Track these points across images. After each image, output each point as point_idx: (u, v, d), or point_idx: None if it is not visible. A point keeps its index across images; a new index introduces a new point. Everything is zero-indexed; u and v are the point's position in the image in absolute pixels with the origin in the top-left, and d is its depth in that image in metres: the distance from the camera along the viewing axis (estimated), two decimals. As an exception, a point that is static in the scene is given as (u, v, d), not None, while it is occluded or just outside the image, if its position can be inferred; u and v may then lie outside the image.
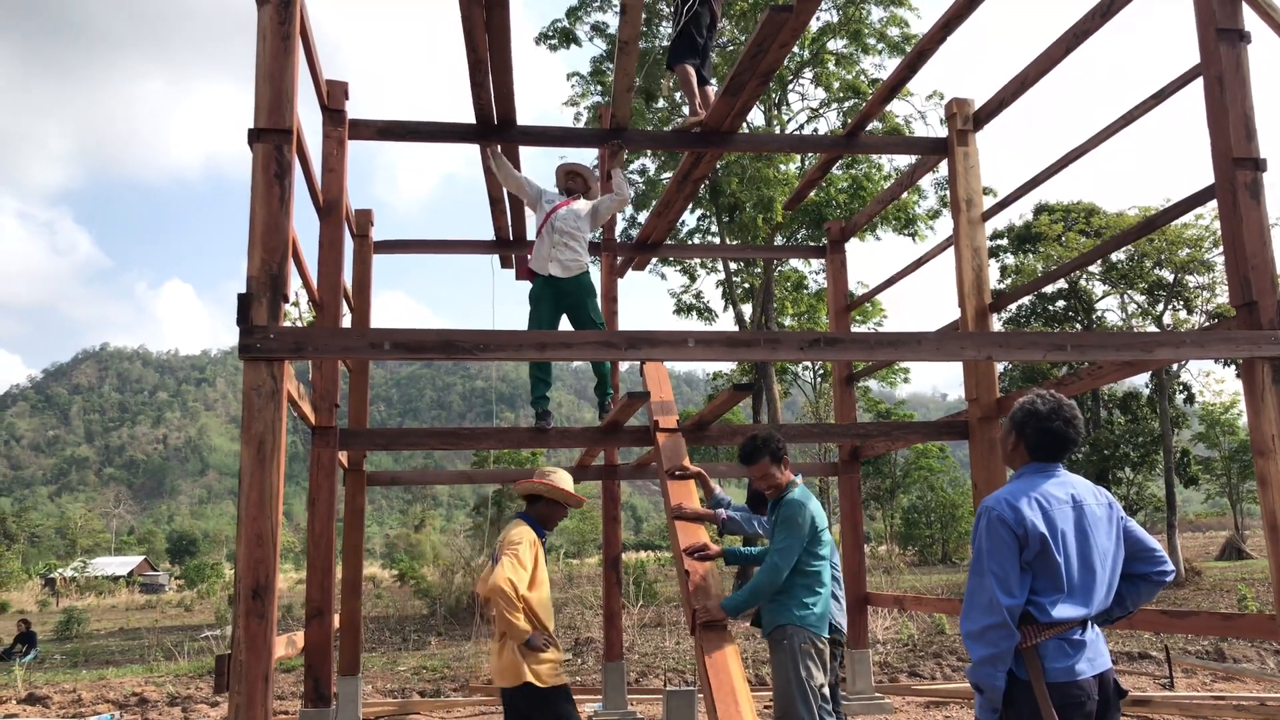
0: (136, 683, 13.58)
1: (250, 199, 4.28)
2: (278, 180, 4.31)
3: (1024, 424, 3.34)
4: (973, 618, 3.12)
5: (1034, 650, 3.07)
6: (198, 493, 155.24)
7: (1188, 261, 26.76)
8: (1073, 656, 3.08)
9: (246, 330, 4.12)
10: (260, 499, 4.02)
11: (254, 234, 4.26)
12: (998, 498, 3.20)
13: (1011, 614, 3.05)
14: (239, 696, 3.90)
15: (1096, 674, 3.12)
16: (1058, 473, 3.29)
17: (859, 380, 10.27)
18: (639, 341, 4.48)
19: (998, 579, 3.08)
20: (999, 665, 3.07)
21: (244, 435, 4.04)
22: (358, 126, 7.02)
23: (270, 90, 4.39)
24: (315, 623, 6.23)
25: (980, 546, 3.17)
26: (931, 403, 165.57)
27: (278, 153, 4.33)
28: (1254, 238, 5.09)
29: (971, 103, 7.78)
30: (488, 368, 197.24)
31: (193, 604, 37.68)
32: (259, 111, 4.38)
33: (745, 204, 22.03)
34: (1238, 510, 48.20)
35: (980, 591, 3.12)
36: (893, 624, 16.00)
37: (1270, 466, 4.96)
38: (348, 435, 6.96)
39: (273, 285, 4.23)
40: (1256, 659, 11.55)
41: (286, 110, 4.38)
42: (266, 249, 4.24)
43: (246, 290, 4.21)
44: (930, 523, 43.14)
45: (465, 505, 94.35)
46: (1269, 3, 5.16)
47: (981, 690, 3.13)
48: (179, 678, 14.30)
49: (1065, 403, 3.33)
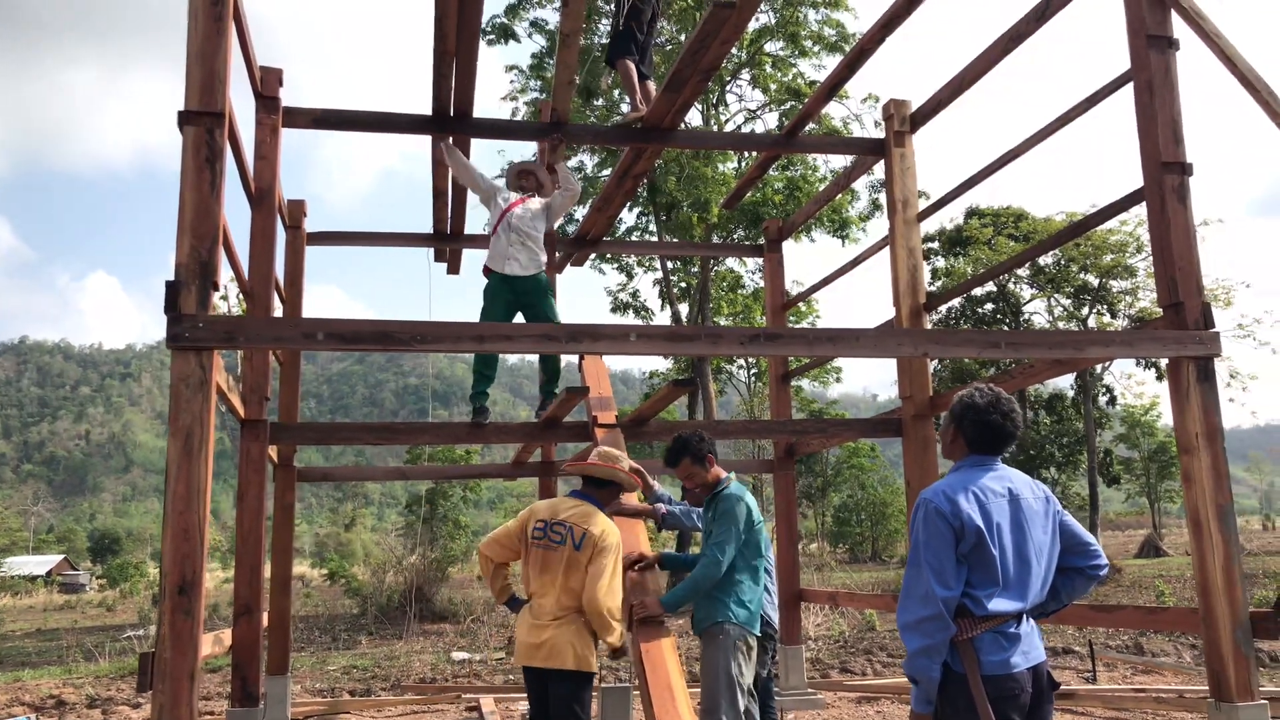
0: (54, 685, 13.18)
1: (180, 184, 4.16)
2: (208, 165, 4.19)
3: (962, 417, 3.37)
4: (909, 609, 3.14)
5: (969, 643, 3.09)
6: (121, 490, 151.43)
7: (1112, 266, 27.46)
8: (1008, 650, 3.11)
9: (175, 319, 4.00)
10: (187, 492, 3.90)
11: (183, 220, 4.13)
12: (935, 490, 3.22)
13: (947, 606, 3.07)
14: (163, 695, 3.78)
15: (1031, 667, 3.15)
16: (996, 466, 3.32)
17: (794, 378, 10.34)
18: (580, 335, 4.44)
19: (934, 571, 3.10)
20: (934, 657, 3.08)
21: (171, 427, 3.92)
22: (292, 114, 6.87)
23: (202, 71, 4.27)
24: (243, 620, 6.09)
25: (917, 538, 3.18)
26: (863, 402, 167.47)
27: (209, 136, 4.21)
28: (1180, 241, 5.21)
29: (909, 104, 7.86)
30: (422, 364, 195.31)
31: (115, 604, 36.71)
32: (190, 93, 4.25)
33: (682, 203, 22.10)
34: (1156, 509, 49.58)
35: (916, 583, 3.13)
36: (824, 621, 16.15)
37: (1194, 463, 5.09)
38: (279, 429, 6.81)
39: (202, 273, 4.11)
40: (1174, 653, 11.87)
41: (219, 93, 4.27)
42: (196, 235, 4.13)
43: (175, 278, 4.09)
44: (861, 521, 43.73)
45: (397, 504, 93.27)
46: (1197, 10, 5.28)
47: (917, 682, 3.14)
48: (99, 679, 13.92)
49: (1004, 396, 3.36)
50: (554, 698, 4.57)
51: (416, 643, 17.01)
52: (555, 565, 4.61)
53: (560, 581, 4.60)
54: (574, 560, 4.59)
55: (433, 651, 15.52)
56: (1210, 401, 5.15)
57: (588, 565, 4.57)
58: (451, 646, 16.09)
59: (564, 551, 4.61)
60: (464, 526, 25.62)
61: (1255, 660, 4.92)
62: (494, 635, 17.37)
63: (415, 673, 13.05)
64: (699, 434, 5.20)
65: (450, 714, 9.63)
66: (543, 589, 4.63)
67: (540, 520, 4.73)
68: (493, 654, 14.95)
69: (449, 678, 12.55)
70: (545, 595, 4.62)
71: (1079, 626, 12.72)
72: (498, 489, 67.96)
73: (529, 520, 4.79)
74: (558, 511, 4.76)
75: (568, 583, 4.60)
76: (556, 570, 4.61)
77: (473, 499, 26.41)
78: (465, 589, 26.01)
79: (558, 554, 4.61)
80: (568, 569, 4.59)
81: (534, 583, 4.67)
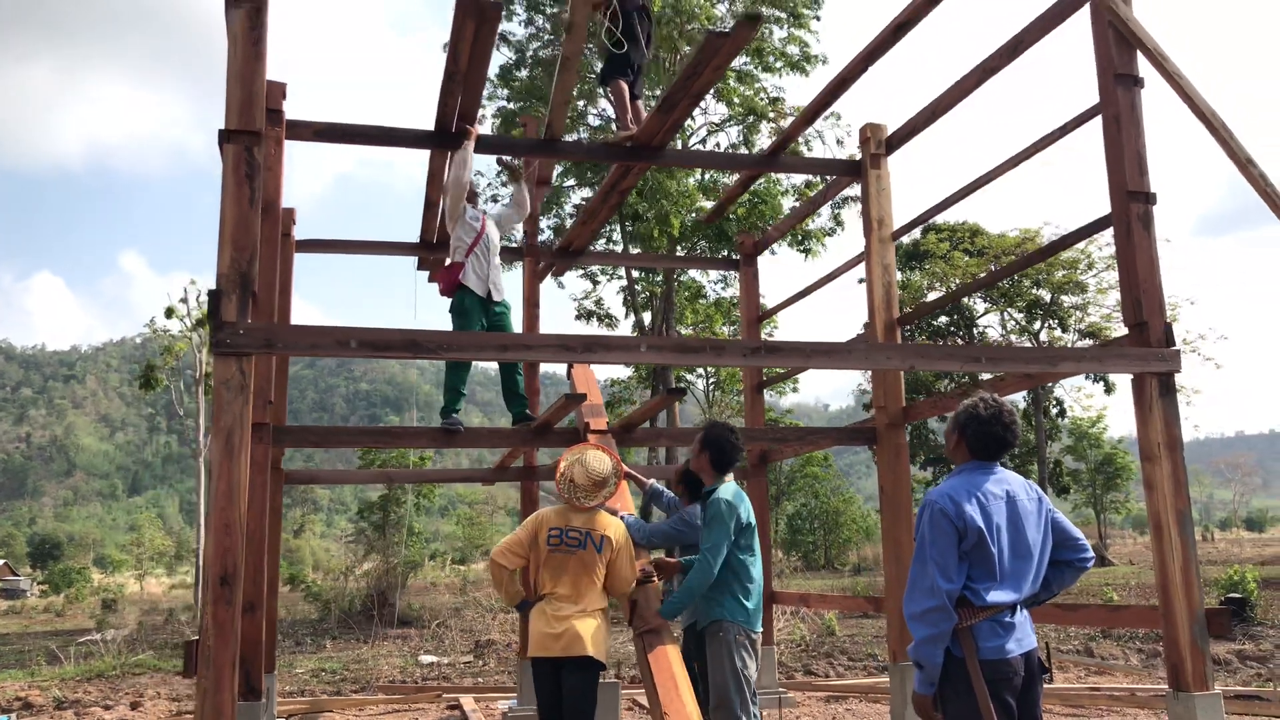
0: (18, 687, 13.14)
1: (221, 198, 4.39)
2: (248, 180, 4.44)
3: (966, 425, 3.71)
4: (915, 600, 3.47)
5: (969, 631, 3.43)
6: (63, 494, 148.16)
7: (1064, 283, 28.22)
8: (1003, 637, 3.45)
9: (218, 326, 4.23)
10: (229, 489, 4.14)
11: (224, 233, 4.37)
12: (940, 492, 3.56)
13: (950, 598, 3.40)
14: (206, 680, 4.01)
15: (1023, 652, 3.50)
16: (995, 470, 3.67)
17: (766, 388, 10.67)
18: (595, 345, 4.73)
19: (939, 566, 3.43)
20: (938, 644, 3.42)
21: (214, 428, 4.15)
22: (295, 127, 7.08)
23: (241, 92, 4.51)
24: (247, 616, 6.27)
25: (924, 536, 3.51)
26: (814, 412, 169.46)
27: (248, 154, 4.45)
28: (1145, 264, 5.61)
29: (884, 128, 8.24)
30: (374, 370, 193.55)
31: (63, 609, 36.13)
32: (230, 113, 4.49)
33: (646, 215, 22.42)
34: (1101, 520, 50.70)
35: (923, 577, 3.46)
36: (785, 625, 16.50)
37: (1156, 471, 5.48)
38: (280, 432, 7.01)
39: (242, 282, 4.35)
40: (1123, 656, 12.36)
41: (257, 112, 4.50)
42: (236, 247, 4.37)
43: (217, 287, 4.32)
44: (814, 529, 44.16)
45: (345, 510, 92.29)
46: (1161, 52, 5.69)
47: (922, 667, 3.48)
48: (65, 681, 13.89)
49: (1005, 408, 3.71)
50: (570, 685, 4.87)
51: (383, 646, 17.10)
52: (575, 567, 5.01)
53: (582, 580, 5.00)
54: (594, 561, 5.02)
55: (400, 655, 15.65)
56: (1171, 414, 5.56)
57: (610, 563, 5.06)
58: (418, 650, 16.22)
59: (582, 554, 5.01)
60: (418, 533, 25.66)
61: (1210, 654, 5.31)
62: (460, 639, 17.52)
63: (384, 675, 13.19)
64: (736, 445, 5.38)
65: (431, 713, 9.83)
66: (561, 587, 4.98)
67: (554, 528, 5.06)
68: (460, 657, 15.12)
69: (418, 680, 12.72)
70: (564, 592, 4.96)
71: (1049, 625, 13.17)
72: (449, 496, 67.69)
73: (540, 529, 5.10)
74: (568, 518, 5.09)
75: (589, 579, 5.01)
76: (578, 571, 5.00)
77: (426, 506, 26.44)
78: (424, 595, 26.06)
79: (577, 557, 5.01)
80: (588, 569, 5.01)
81: (550, 583, 5.02)
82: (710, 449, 5.29)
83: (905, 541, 7.25)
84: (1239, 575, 15.06)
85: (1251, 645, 12.48)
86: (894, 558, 7.44)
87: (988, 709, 3.32)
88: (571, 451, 5.30)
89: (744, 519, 5.25)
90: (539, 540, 5.04)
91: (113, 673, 14.61)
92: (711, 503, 5.24)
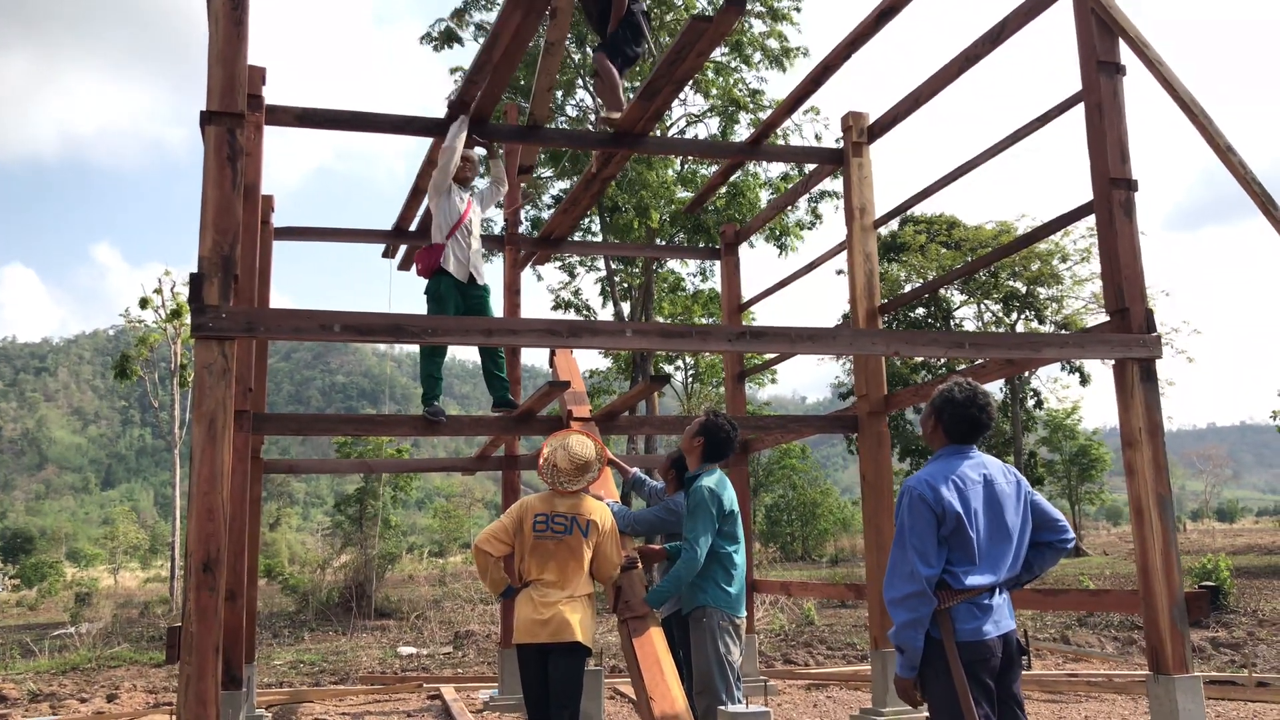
0: (-8, 680, 13.02)
1: (202, 181, 4.34)
2: (230, 163, 4.38)
3: (942, 409, 3.71)
4: (895, 585, 3.48)
5: (947, 613, 3.44)
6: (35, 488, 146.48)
7: (1039, 274, 28.38)
8: (980, 619, 3.46)
9: (200, 309, 4.18)
10: (212, 475, 4.09)
11: (206, 216, 4.32)
12: (919, 479, 3.56)
13: (929, 583, 3.41)
14: (189, 667, 3.97)
15: (1001, 634, 3.51)
16: (972, 454, 3.67)
17: (747, 378, 10.67)
18: (580, 330, 4.72)
19: (918, 552, 3.44)
20: (918, 628, 3.43)
21: (196, 413, 4.10)
22: (275, 112, 7.02)
23: (223, 73, 4.46)
24: (228, 605, 6.22)
25: (903, 522, 3.52)
26: (792, 404, 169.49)
27: (230, 136, 4.40)
28: (1127, 251, 5.65)
29: (866, 116, 8.25)
30: (349, 362, 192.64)
31: (36, 603, 35.79)
32: (211, 95, 4.44)
33: (624, 206, 22.37)
34: (1076, 511, 51.12)
35: (903, 563, 3.47)
36: (764, 615, 16.55)
37: (1137, 456, 5.51)
38: (261, 419, 6.96)
39: (224, 266, 4.30)
40: (1099, 644, 12.48)
41: (239, 93, 4.45)
42: (218, 230, 4.32)
43: (198, 270, 4.27)
44: (791, 520, 44.28)
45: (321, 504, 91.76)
46: (1142, 40, 5.72)
47: (903, 651, 3.49)
48: (40, 674, 13.79)
49: (980, 391, 3.71)
50: (556, 670, 4.85)
51: (361, 638, 17.05)
52: (561, 552, 4.97)
53: (568, 566, 4.97)
54: (581, 546, 4.99)
55: (378, 646, 15.60)
56: (1152, 399, 5.60)
57: (596, 547, 5.04)
58: (397, 642, 16.18)
59: (568, 540, 4.98)
60: (394, 526, 25.58)
61: (1189, 637, 5.36)
62: (439, 630, 17.48)
63: (363, 667, 13.15)
64: (731, 440, 5.42)
65: (412, 702, 9.79)
66: (548, 573, 4.94)
67: (540, 514, 5.02)
68: (439, 648, 15.09)
69: (398, 671, 12.68)
70: (551, 578, 4.92)
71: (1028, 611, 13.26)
72: (426, 489, 67.49)
73: (524, 515, 5.06)
74: (553, 504, 5.06)
75: (575, 565, 4.98)
76: (564, 557, 4.97)
77: (403, 499, 26.37)
78: (402, 587, 25.98)
79: (563, 542, 4.97)
80: (575, 554, 4.98)
81: (536, 570, 4.98)
82: (706, 436, 5.32)
83: (887, 529, 7.28)
84: (1212, 564, 15.24)
85: (1225, 633, 12.63)
86: (875, 545, 7.47)
87: (964, 690, 3.33)
88: (555, 437, 5.27)
89: (727, 506, 5.28)
90: (524, 527, 5.01)
91: (88, 665, 14.51)
92: (694, 490, 5.25)
